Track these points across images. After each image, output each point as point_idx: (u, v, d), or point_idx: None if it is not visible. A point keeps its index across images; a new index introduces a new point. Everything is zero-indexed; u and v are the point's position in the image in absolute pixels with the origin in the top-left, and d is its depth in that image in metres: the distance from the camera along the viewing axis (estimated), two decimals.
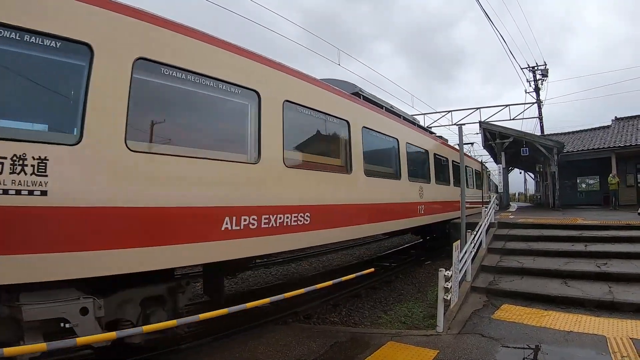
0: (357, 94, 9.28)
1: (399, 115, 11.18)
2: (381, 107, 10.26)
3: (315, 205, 6.61)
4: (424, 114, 27.80)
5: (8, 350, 3.03)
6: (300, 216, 6.26)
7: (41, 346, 3.23)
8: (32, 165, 3.32)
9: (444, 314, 5.94)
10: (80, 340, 3.52)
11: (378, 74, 42.90)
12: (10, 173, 3.20)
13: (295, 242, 6.27)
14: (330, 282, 7.05)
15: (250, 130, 5.62)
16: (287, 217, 5.97)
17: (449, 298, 6.19)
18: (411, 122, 12.49)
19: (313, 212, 6.51)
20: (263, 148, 5.62)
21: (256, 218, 5.39)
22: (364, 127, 8.39)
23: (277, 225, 5.75)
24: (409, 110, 16.70)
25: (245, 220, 5.21)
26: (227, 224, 4.95)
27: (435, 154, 13.00)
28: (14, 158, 3.24)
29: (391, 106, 11.18)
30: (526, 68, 26.87)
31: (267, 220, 5.56)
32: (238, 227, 5.10)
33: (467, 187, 15.57)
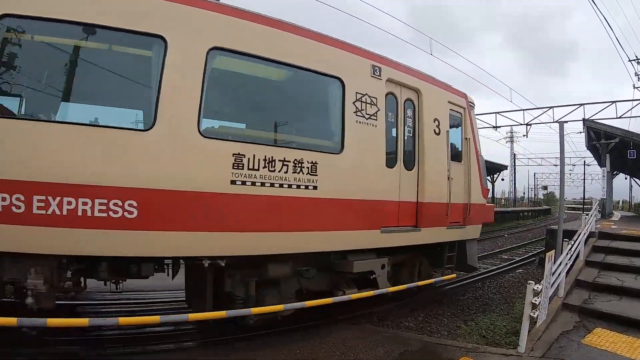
0: None
1: None
2: None
3: None
4: (523, 109, 26.34)
5: None
6: None
7: None
8: None
9: (529, 332, 5.47)
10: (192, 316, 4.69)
11: (475, 66, 39.83)
12: None
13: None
14: (404, 286, 6.89)
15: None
16: None
17: (535, 315, 5.67)
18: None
19: None
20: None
21: None
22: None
23: None
24: (507, 105, 15.44)
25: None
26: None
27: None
28: None
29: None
30: (634, 60, 23.35)
31: None
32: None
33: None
